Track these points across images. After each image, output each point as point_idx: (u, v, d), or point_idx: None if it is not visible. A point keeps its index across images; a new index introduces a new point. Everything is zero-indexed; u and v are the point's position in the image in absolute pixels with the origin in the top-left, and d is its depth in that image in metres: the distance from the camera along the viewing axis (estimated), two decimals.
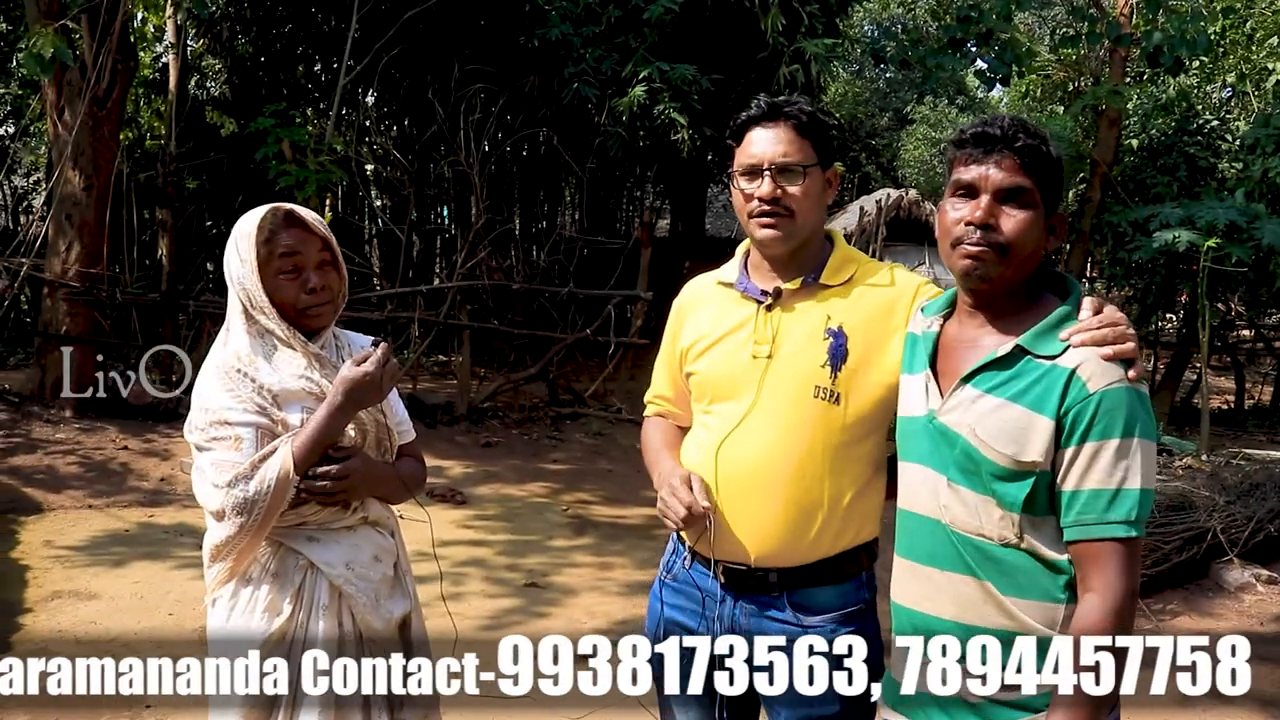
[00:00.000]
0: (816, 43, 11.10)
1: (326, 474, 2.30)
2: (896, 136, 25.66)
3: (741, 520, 2.29)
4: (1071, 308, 1.99)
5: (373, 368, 2.29)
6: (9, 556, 6.35)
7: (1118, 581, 1.86)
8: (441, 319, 11.21)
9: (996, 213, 1.95)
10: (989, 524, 1.96)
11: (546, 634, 5.48)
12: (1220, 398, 13.42)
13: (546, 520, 7.75)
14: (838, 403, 2.26)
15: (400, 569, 2.51)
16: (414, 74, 13.84)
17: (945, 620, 2.01)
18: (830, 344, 2.28)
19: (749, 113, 2.36)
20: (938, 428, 2.02)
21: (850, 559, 2.33)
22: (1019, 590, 1.95)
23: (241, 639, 2.33)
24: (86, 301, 9.74)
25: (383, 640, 2.41)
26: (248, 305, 2.37)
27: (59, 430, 8.79)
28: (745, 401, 2.31)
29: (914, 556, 2.08)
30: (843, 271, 2.36)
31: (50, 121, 9.93)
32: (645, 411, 2.67)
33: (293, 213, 2.39)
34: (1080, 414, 1.88)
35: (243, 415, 2.31)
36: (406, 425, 2.62)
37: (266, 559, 2.36)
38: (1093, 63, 14.01)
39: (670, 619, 2.44)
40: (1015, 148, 1.95)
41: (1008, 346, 1.97)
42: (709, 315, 2.45)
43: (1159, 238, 9.86)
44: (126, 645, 5.02)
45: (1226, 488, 6.71)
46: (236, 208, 14.79)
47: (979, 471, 1.95)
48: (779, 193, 2.29)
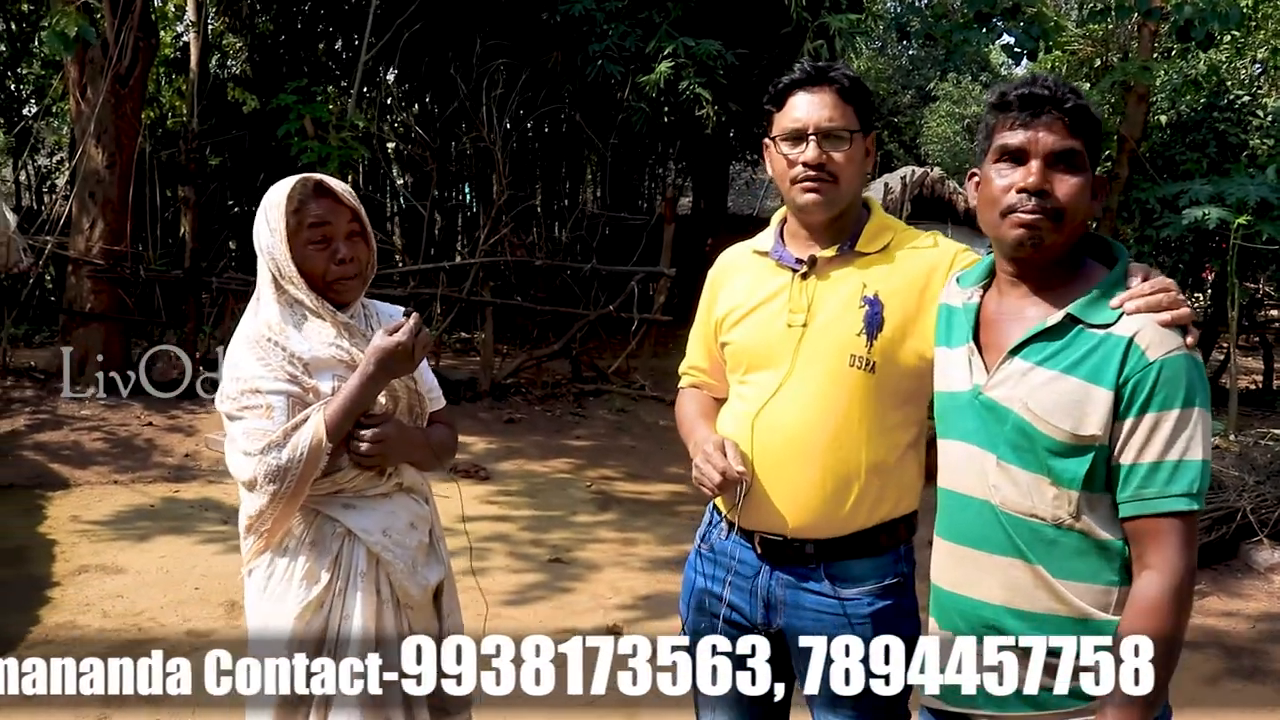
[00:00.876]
0: (840, 18, 10.98)
1: (361, 439, 2.30)
2: (920, 114, 25.49)
3: (778, 490, 2.27)
4: (1121, 274, 1.91)
5: (405, 337, 2.28)
6: (36, 531, 6.40)
7: (1178, 558, 1.80)
8: (464, 295, 11.20)
9: (1049, 177, 1.87)
10: (1042, 504, 1.88)
11: (570, 609, 5.49)
12: (1248, 378, 13.28)
13: (570, 496, 7.74)
14: (874, 371, 2.23)
15: (435, 536, 2.51)
16: (435, 50, 13.80)
17: (994, 605, 1.93)
18: (866, 312, 2.24)
19: (792, 76, 2.31)
20: (984, 403, 1.94)
21: (888, 531, 2.30)
22: (1072, 573, 1.87)
23: (279, 608, 2.32)
24: (110, 279, 9.79)
25: (419, 608, 2.41)
26: (277, 275, 2.36)
27: (84, 407, 8.83)
28: (781, 371, 2.28)
29: (959, 539, 2.00)
30: (879, 238, 2.32)
31: (73, 100, 9.97)
32: (680, 383, 2.65)
33: (322, 183, 2.38)
34: (1140, 383, 1.80)
35: (274, 384, 2.30)
36: (437, 393, 2.62)
37: (303, 529, 2.35)
38: (1121, 37, 13.83)
39: (705, 589, 2.42)
40: (1065, 109, 1.87)
41: (1058, 316, 1.89)
42: (744, 284, 2.42)
43: (1188, 215, 9.73)
44: (153, 619, 5.05)
45: (1256, 468, 6.64)
46: (259, 185, 14.82)
47: (1033, 448, 1.87)
48: (824, 158, 2.24)
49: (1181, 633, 1.81)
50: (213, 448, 8.20)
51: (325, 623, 2.32)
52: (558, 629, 5.03)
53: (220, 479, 7.68)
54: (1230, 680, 4.75)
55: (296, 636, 2.29)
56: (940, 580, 2.05)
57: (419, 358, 2.35)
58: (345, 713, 2.28)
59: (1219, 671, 4.81)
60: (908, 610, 2.30)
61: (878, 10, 12.18)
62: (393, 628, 2.37)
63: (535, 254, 12.47)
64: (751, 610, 2.34)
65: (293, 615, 2.30)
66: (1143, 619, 1.79)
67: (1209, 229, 9.79)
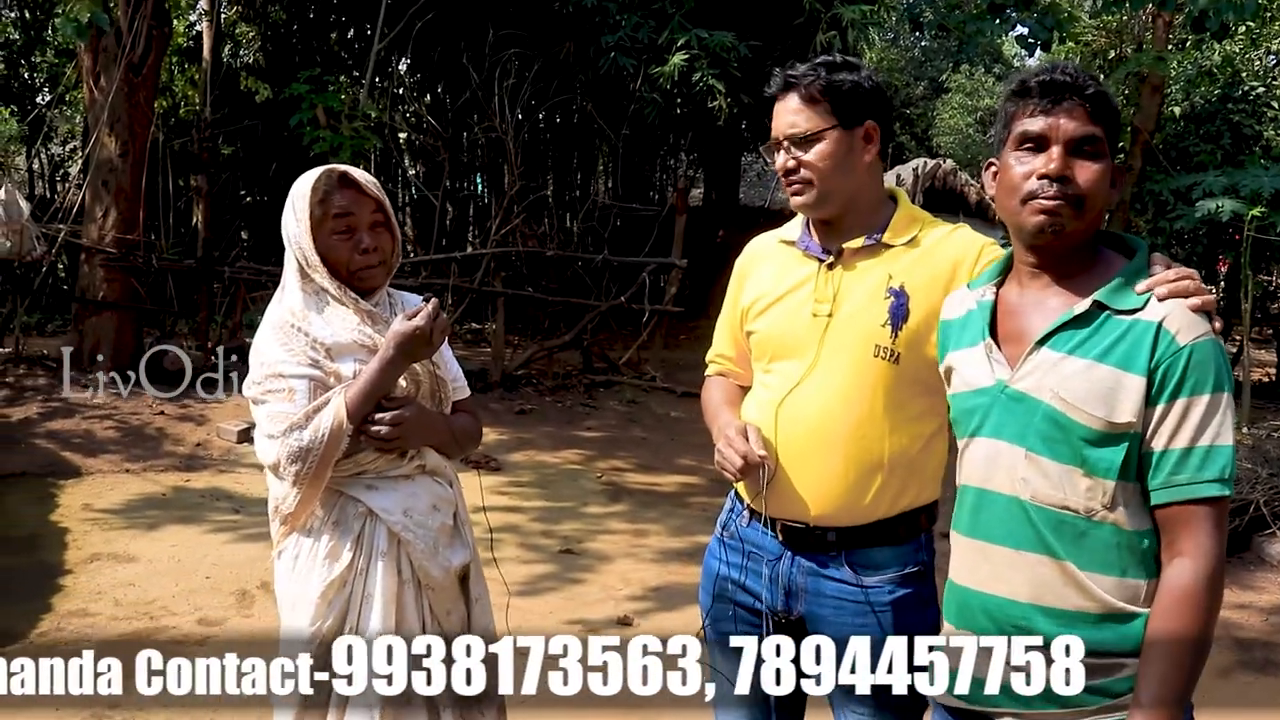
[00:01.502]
0: (853, 9, 10.92)
1: (382, 420, 2.35)
2: (932, 106, 25.42)
3: (802, 478, 2.29)
4: (1144, 262, 1.90)
5: (423, 321, 2.33)
6: (49, 519, 6.42)
7: (1210, 544, 1.78)
8: (476, 286, 11.21)
9: (1071, 164, 1.86)
10: (1074, 496, 1.85)
11: (581, 600, 5.50)
12: (1261, 370, 13.22)
13: (580, 487, 7.75)
14: (898, 362, 2.25)
15: (460, 519, 2.55)
16: (447, 40, 13.79)
17: (1021, 602, 1.90)
18: (891, 303, 2.26)
19: (769, 89, 2.38)
20: (1012, 396, 1.91)
21: (909, 520, 2.31)
22: (1102, 566, 1.84)
23: (304, 588, 2.38)
24: (123, 268, 9.80)
25: (441, 589, 2.44)
26: (303, 264, 2.42)
27: (96, 395, 8.85)
28: (806, 360, 2.31)
29: (984, 535, 1.96)
30: (906, 231, 2.34)
31: (86, 88, 9.98)
32: (706, 371, 2.66)
33: (347, 174, 2.44)
34: (1171, 368, 1.78)
35: (296, 368, 2.37)
36: (460, 381, 2.67)
37: (327, 510, 2.41)
38: (1135, 28, 13.76)
39: (726, 576, 2.43)
40: (1086, 95, 1.86)
41: (1085, 304, 1.86)
42: (770, 273, 2.44)
43: (1201, 207, 9.70)
44: (165, 608, 5.07)
45: (1269, 460, 6.63)
46: (271, 174, 14.89)
47: (1067, 438, 1.84)
48: (794, 163, 2.30)
49: (1214, 620, 1.80)
50: (224, 437, 8.22)
51: (347, 604, 2.37)
52: (569, 620, 5.03)
53: (231, 468, 7.70)
54: (1243, 673, 4.74)
55: (320, 615, 2.35)
56: (962, 578, 2.02)
57: (437, 342, 2.40)
58: (364, 706, 2.30)
59: (1231, 664, 4.80)
60: (927, 598, 2.32)
61: (890, 1, 12.09)
62: (413, 608, 2.41)
63: (547, 245, 12.47)
64: (772, 598, 2.35)
65: (317, 594, 2.35)
66: (1178, 607, 1.78)
67: (1223, 221, 9.74)
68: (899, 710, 2.23)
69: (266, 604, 5.02)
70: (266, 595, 5.15)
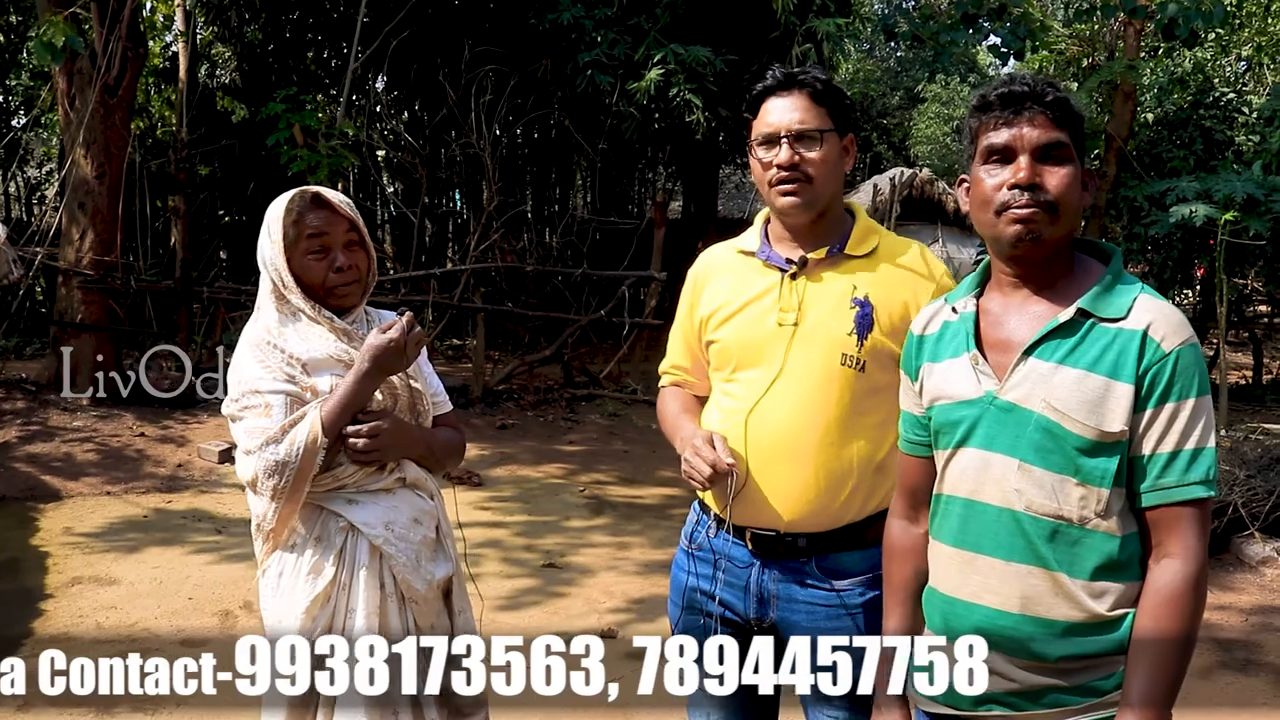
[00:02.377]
0: (829, 21, 10.99)
1: (357, 433, 2.37)
2: (908, 115, 25.54)
3: (772, 486, 2.31)
4: (1119, 267, 1.93)
5: (397, 334, 2.37)
6: (29, 543, 6.39)
7: (1195, 545, 1.81)
8: (455, 302, 11.20)
9: (1039, 171, 1.88)
10: (1068, 504, 1.86)
11: (564, 613, 5.49)
12: (1238, 373, 13.32)
13: (563, 501, 7.75)
14: (863, 370, 2.30)
15: (442, 532, 2.56)
16: (424, 57, 13.81)
17: (1011, 613, 1.90)
18: (857, 313, 2.31)
19: (765, 83, 2.39)
20: (1002, 407, 1.91)
21: (876, 524, 2.33)
22: (1093, 574, 1.86)
23: (289, 604, 2.39)
24: (101, 289, 9.76)
25: (424, 602, 2.46)
26: (279, 284, 2.44)
27: (75, 418, 8.82)
28: (772, 369, 2.33)
29: (971, 546, 1.96)
30: (866, 243, 2.39)
31: (62, 110, 9.94)
32: (660, 383, 2.68)
33: (319, 194, 2.46)
34: (1159, 374, 1.81)
35: (272, 384, 2.39)
36: (442, 396, 2.69)
37: (309, 525, 2.42)
38: (1107, 37, 13.88)
39: (696, 587, 2.45)
40: (1046, 102, 1.89)
41: (1069, 312, 1.88)
42: (729, 283, 2.46)
43: (1175, 212, 9.78)
44: (148, 629, 5.05)
45: (1246, 462, 6.67)
46: (249, 194, 14.87)
47: (1060, 448, 1.85)
48: (797, 159, 2.31)
49: (1199, 620, 1.82)
50: (205, 458, 8.20)
51: (331, 619, 2.38)
52: (552, 633, 5.02)
53: (212, 489, 7.68)
54: (1223, 673, 4.77)
55: (305, 631, 2.35)
56: (948, 589, 2.01)
57: (412, 355, 2.43)
58: (350, 711, 2.32)
59: (1212, 665, 4.84)
60: None
61: (865, 12, 12.18)
62: (397, 622, 2.43)
63: (526, 260, 12.49)
64: (745, 606, 2.38)
65: (301, 609, 2.37)
66: (1165, 607, 1.80)
67: (1196, 226, 9.83)
68: (870, 711, 2.25)
69: (250, 624, 5.01)
70: (250, 615, 5.14)
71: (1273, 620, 5.38)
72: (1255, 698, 4.56)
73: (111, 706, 3.98)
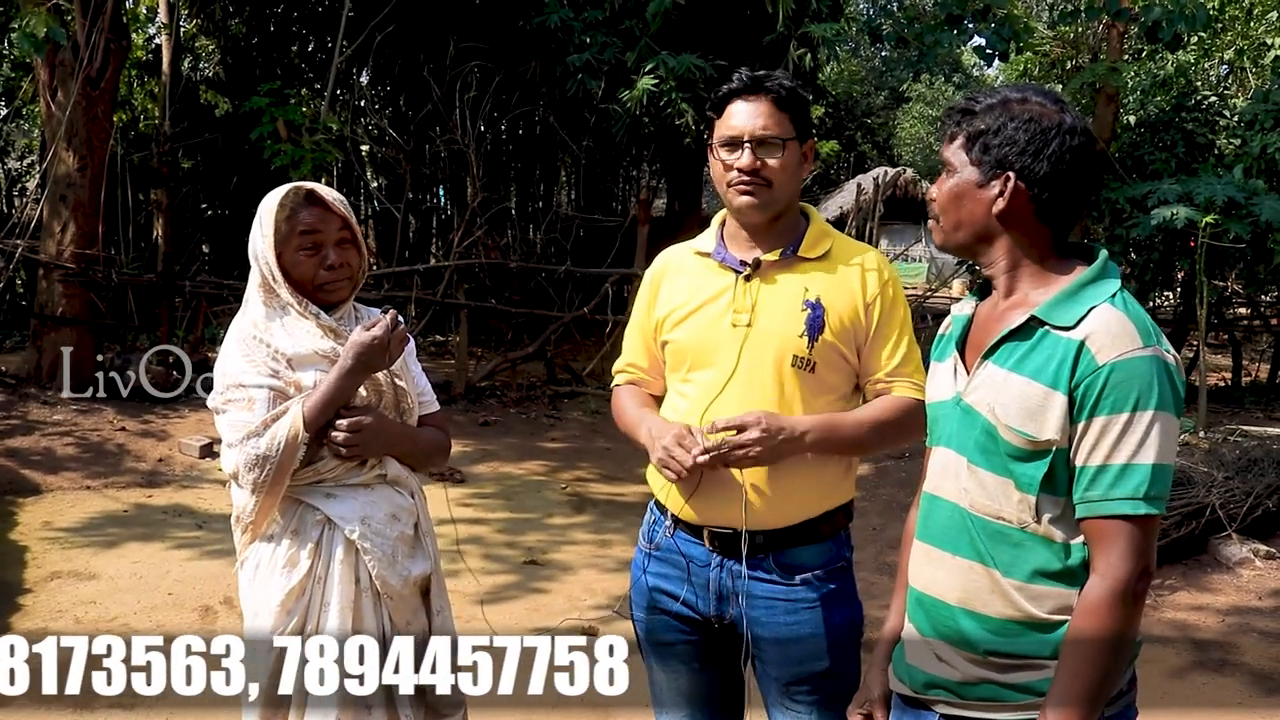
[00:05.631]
0: (824, 26, 10.95)
1: (340, 427, 2.39)
2: (892, 115, 25.64)
3: (729, 486, 2.35)
4: (1096, 272, 1.90)
5: (381, 332, 2.38)
6: (8, 538, 6.35)
7: (1121, 562, 1.79)
8: (438, 298, 11.19)
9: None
10: (1008, 507, 1.89)
11: (545, 610, 5.49)
12: (1217, 375, 13.40)
13: (544, 498, 7.75)
14: (813, 371, 2.35)
15: (421, 530, 2.57)
16: (409, 53, 13.77)
17: (950, 605, 1.96)
18: (808, 315, 2.36)
19: (730, 86, 2.42)
20: (963, 408, 1.96)
21: (830, 519, 2.41)
22: (1030, 577, 1.88)
23: (264, 595, 2.42)
24: (82, 283, 9.71)
25: (400, 599, 2.46)
26: (268, 279, 2.46)
27: (56, 412, 8.77)
28: (725, 369, 2.37)
29: (931, 540, 2.03)
30: (820, 245, 2.44)
31: (43, 102, 9.88)
32: (615, 381, 2.71)
33: (313, 192, 2.48)
34: (1090, 387, 1.79)
35: (256, 378, 2.40)
36: (429, 395, 2.71)
37: (286, 518, 2.44)
38: (1091, 39, 13.95)
39: (656, 587, 2.49)
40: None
41: (1023, 317, 1.89)
42: (685, 284, 2.50)
43: (1157, 214, 9.81)
44: (126, 625, 5.03)
45: (1225, 464, 6.71)
46: (232, 188, 14.80)
47: (998, 451, 1.88)
48: (758, 164, 2.35)
49: (1123, 637, 1.81)
50: (186, 453, 8.16)
51: (305, 612, 2.39)
52: (532, 630, 5.04)
53: (193, 484, 7.65)
54: (1199, 673, 4.81)
55: (280, 623, 2.38)
56: (913, 579, 2.09)
57: (396, 353, 2.45)
58: (323, 709, 2.33)
59: (1188, 665, 4.87)
60: (851, 593, 2.44)
61: (850, 13, 12.15)
62: (372, 616, 2.43)
63: (509, 256, 12.49)
64: (705, 604, 2.42)
65: (276, 601, 2.38)
66: (1085, 617, 1.81)
67: (1177, 228, 9.86)
68: (833, 703, 2.30)
69: (230, 619, 5.00)
70: (230, 610, 5.13)
71: (1249, 621, 5.42)
72: (1231, 698, 4.60)
73: (90, 702, 3.97)
